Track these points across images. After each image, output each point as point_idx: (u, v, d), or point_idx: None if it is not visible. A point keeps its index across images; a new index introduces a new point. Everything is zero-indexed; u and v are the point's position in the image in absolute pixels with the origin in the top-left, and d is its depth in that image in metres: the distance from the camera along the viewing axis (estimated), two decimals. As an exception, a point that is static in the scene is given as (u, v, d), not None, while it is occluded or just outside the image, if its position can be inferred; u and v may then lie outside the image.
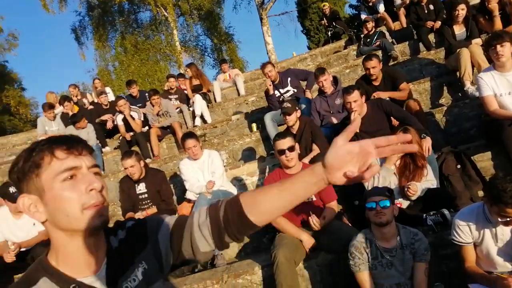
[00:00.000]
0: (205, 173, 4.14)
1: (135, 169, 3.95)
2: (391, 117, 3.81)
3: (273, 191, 0.94)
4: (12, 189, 3.64)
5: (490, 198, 2.03)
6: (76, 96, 8.25)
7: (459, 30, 4.99)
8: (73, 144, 0.92)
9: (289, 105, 4.03)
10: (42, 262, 0.94)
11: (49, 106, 7.14)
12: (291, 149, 3.13)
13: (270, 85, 5.41)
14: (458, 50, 4.65)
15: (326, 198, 3.11)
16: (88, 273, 0.94)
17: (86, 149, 0.95)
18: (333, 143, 0.87)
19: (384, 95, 4.33)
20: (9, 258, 3.50)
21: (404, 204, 3.08)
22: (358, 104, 3.71)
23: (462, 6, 4.87)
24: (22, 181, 0.91)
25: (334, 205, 3.14)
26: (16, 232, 3.75)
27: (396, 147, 0.86)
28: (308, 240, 2.94)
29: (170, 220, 1.08)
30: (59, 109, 7.64)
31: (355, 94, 3.70)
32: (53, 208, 0.89)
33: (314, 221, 2.88)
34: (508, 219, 2.00)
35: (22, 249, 3.70)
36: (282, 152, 3.13)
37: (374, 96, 4.32)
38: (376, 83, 4.50)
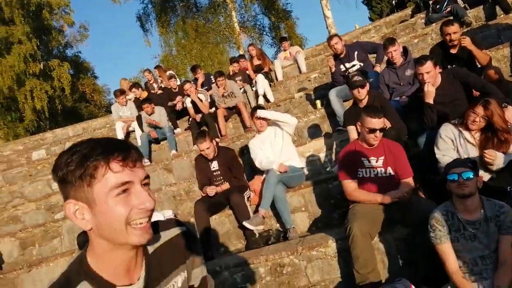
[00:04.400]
0: (268, 146, 4.28)
1: (210, 150, 4.20)
2: (470, 87, 3.61)
3: None
4: None
5: None
6: (150, 81, 8.75)
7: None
8: (128, 155, 0.90)
9: (360, 78, 3.96)
10: (83, 265, 0.94)
11: (121, 92, 7.65)
12: (382, 130, 3.11)
13: (332, 64, 5.34)
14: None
15: (402, 174, 3.07)
16: (127, 281, 0.96)
17: (139, 159, 0.93)
18: None
19: (470, 45, 4.02)
20: None
21: (486, 177, 2.96)
22: (431, 75, 3.56)
23: None
24: (69, 185, 0.87)
25: (410, 181, 3.09)
26: None
27: None
28: (385, 197, 2.92)
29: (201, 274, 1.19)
30: (131, 95, 8.16)
31: (428, 65, 3.55)
32: (102, 221, 0.88)
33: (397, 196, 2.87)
34: None
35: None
36: (373, 131, 3.06)
37: (460, 41, 4.08)
38: (454, 51, 4.24)
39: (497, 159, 2.87)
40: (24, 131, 19.06)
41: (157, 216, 4.30)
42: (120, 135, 7.11)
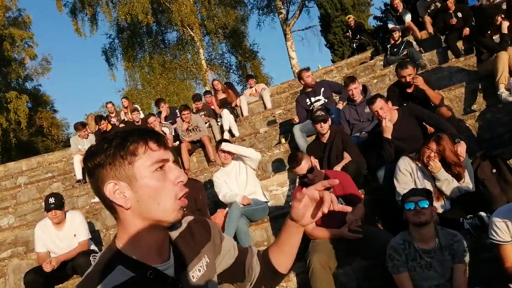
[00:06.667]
0: (233, 179, 4.27)
1: None
2: (424, 124, 3.79)
3: (276, 250, 1.21)
4: (51, 200, 3.80)
5: None
6: (112, 113, 8.60)
7: (495, 36, 4.92)
8: (160, 138, 0.97)
9: (323, 112, 4.08)
10: (115, 250, 0.96)
11: (82, 125, 7.45)
12: (311, 170, 3.18)
13: (296, 120, 5.50)
14: (496, 53, 4.60)
15: (352, 201, 3.14)
16: (159, 261, 0.98)
17: (167, 144, 1.00)
18: (292, 207, 1.12)
19: (423, 84, 4.25)
20: (48, 268, 3.61)
21: (440, 208, 3.05)
22: (385, 110, 3.72)
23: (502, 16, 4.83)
24: (109, 167, 0.92)
25: (361, 206, 3.16)
26: (58, 243, 3.90)
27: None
28: (345, 232, 2.91)
29: (232, 242, 1.23)
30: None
31: (379, 102, 3.72)
32: (144, 196, 0.92)
33: (353, 225, 2.88)
34: None
35: (63, 260, 3.84)
36: (303, 177, 3.21)
37: (415, 79, 4.28)
38: (410, 90, 4.47)
39: (440, 172, 3.05)
40: (-25, 165, 17.87)
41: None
42: (78, 169, 6.85)
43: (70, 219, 3.97)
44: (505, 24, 4.78)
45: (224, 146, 4.31)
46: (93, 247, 4.11)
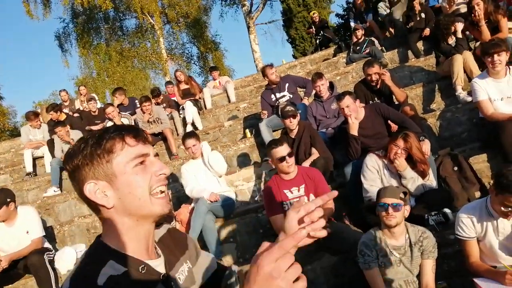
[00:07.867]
0: (202, 173, 4.16)
1: None
2: (389, 122, 3.86)
3: None
4: None
5: (496, 187, 2.12)
6: (66, 102, 8.16)
7: (451, 41, 5.11)
8: (139, 133, 0.95)
9: (292, 108, 4.05)
10: (104, 247, 0.93)
11: (35, 114, 7.02)
12: (291, 154, 3.14)
13: (265, 115, 5.44)
14: (452, 56, 4.77)
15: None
16: (148, 257, 0.97)
17: (147, 139, 0.98)
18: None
19: (389, 80, 4.37)
20: None
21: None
22: (352, 108, 3.74)
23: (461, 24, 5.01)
24: (87, 167, 0.91)
25: (331, 203, 3.16)
26: (8, 241, 3.65)
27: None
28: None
29: (210, 259, 1.18)
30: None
31: (346, 100, 3.74)
32: (125, 193, 0.91)
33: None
34: (510, 208, 2.10)
35: (15, 259, 3.60)
36: (282, 159, 3.14)
37: (383, 74, 4.40)
38: (378, 86, 4.56)
39: (406, 171, 3.13)
40: None
41: (69, 252, 3.88)
42: (29, 161, 6.45)
43: (22, 215, 3.73)
44: (459, 28, 4.98)
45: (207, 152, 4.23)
46: (46, 244, 3.89)
